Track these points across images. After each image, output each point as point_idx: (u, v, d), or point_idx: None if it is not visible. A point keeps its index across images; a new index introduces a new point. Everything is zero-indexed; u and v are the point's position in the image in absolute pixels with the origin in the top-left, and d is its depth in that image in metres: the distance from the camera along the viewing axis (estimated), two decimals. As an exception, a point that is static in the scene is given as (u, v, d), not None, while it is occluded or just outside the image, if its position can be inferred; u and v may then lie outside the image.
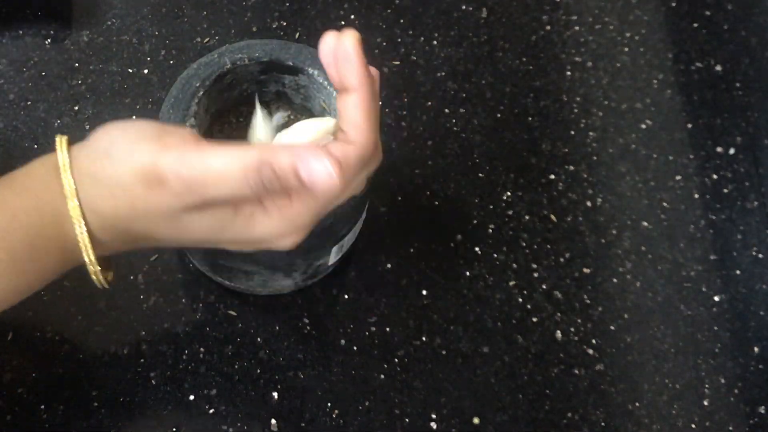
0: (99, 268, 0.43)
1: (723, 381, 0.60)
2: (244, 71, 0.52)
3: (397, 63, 0.70)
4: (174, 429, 0.54)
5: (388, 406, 0.56)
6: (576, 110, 0.70)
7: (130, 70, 0.66)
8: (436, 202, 0.64)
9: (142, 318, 0.57)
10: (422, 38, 0.71)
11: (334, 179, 0.38)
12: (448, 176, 0.65)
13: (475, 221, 0.64)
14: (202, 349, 0.56)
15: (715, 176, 0.68)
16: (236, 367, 0.56)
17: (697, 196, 0.67)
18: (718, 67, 0.73)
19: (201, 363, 0.56)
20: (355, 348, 0.58)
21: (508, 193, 0.65)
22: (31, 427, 0.53)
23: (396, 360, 0.58)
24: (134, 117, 0.64)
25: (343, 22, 0.70)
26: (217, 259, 0.53)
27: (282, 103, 0.56)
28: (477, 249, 0.63)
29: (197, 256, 0.55)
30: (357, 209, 0.53)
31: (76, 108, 0.64)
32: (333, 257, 0.56)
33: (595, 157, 0.68)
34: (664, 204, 0.66)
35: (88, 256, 0.42)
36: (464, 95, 0.69)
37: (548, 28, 0.73)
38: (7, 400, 0.53)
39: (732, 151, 0.69)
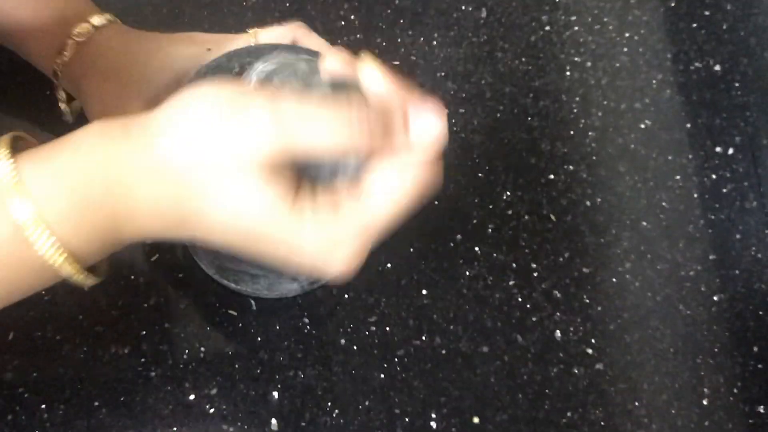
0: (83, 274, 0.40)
1: (722, 380, 0.60)
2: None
3: (397, 63, 0.70)
4: (174, 429, 0.54)
5: (388, 406, 0.56)
6: (575, 110, 0.70)
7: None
8: (436, 202, 0.64)
9: (143, 318, 0.57)
10: (422, 38, 0.71)
11: (442, 127, 0.35)
12: (448, 176, 0.65)
13: (474, 221, 0.64)
14: (202, 349, 0.56)
15: (714, 176, 0.68)
16: (236, 366, 0.56)
17: (696, 195, 0.67)
18: (717, 67, 0.73)
19: (201, 362, 0.56)
20: (355, 347, 0.58)
21: (508, 193, 0.65)
22: (32, 426, 0.53)
23: (396, 359, 0.58)
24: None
25: (343, 23, 0.70)
26: (225, 261, 0.53)
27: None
28: (477, 249, 0.63)
29: (205, 259, 0.55)
30: None
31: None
32: None
33: (594, 157, 0.68)
34: (663, 204, 0.67)
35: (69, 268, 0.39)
36: (464, 95, 0.69)
37: (547, 28, 0.73)
38: (7, 400, 0.53)
39: (731, 150, 0.69)
